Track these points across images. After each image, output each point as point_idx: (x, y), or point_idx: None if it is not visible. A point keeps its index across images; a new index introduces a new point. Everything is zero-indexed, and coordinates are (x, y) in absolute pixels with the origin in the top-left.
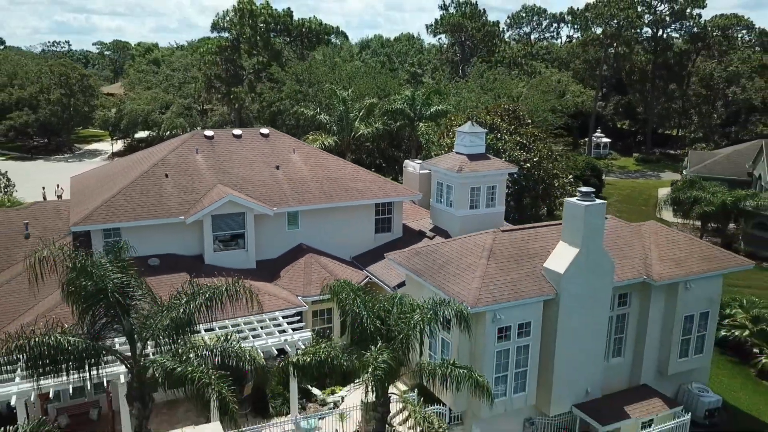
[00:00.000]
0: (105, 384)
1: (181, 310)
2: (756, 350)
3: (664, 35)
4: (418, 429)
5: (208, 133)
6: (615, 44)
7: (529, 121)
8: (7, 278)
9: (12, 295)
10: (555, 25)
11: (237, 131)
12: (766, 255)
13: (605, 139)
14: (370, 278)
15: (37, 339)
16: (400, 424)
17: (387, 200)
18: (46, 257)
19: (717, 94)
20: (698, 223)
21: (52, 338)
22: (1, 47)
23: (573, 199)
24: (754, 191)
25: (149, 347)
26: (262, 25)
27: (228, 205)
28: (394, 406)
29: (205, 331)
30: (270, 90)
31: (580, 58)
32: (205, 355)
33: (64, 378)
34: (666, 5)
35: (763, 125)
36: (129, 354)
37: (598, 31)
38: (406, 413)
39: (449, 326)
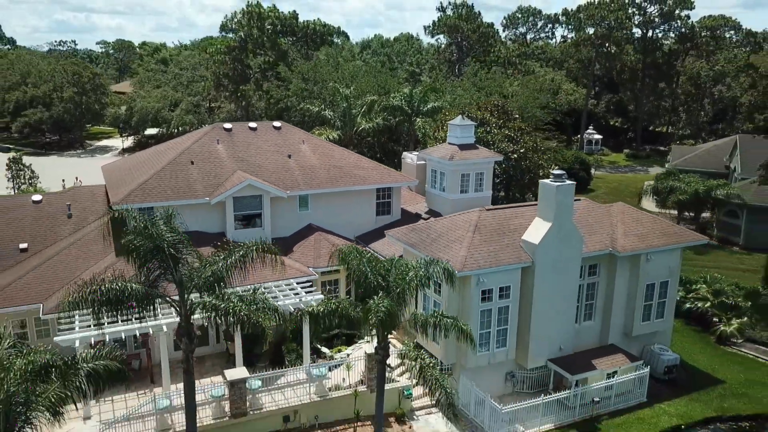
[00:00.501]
0: (150, 333)
1: (220, 264)
2: (716, 319)
3: (654, 36)
4: (414, 372)
5: (227, 125)
6: (606, 44)
7: (517, 116)
8: (57, 250)
9: (62, 263)
10: (550, 25)
11: (252, 124)
12: (736, 240)
13: (597, 136)
14: (372, 254)
15: (107, 285)
16: (399, 376)
17: (387, 186)
18: (116, 217)
19: (704, 92)
20: (675, 212)
21: (119, 284)
22: (6, 47)
23: (546, 181)
24: (725, 181)
25: (192, 297)
26: (269, 27)
27: (247, 188)
28: (393, 360)
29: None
30: (277, 88)
31: (573, 58)
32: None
33: (122, 325)
34: (655, 7)
35: (749, 122)
36: (177, 299)
37: (591, 31)
38: (403, 367)
39: (440, 289)
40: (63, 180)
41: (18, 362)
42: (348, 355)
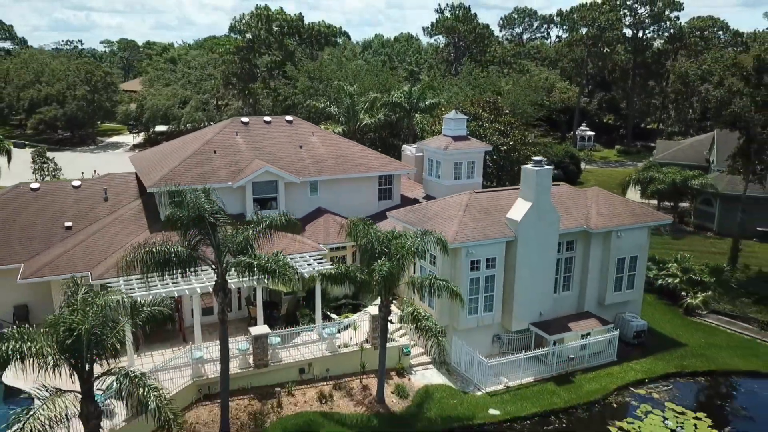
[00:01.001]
0: (185, 293)
1: (250, 231)
2: (684, 294)
3: (644, 36)
4: (409, 322)
5: (244, 119)
6: (598, 44)
7: (507, 111)
8: (97, 228)
9: (104, 238)
10: (545, 26)
11: (267, 118)
12: (710, 226)
13: (589, 132)
14: (376, 227)
15: (157, 247)
16: (399, 337)
17: (388, 173)
18: (162, 193)
19: (692, 90)
20: (656, 202)
21: (166, 247)
22: (14, 47)
23: (527, 166)
24: (700, 172)
25: (225, 260)
26: (276, 28)
27: (264, 174)
28: (393, 326)
29: None
30: (284, 86)
31: (567, 57)
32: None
33: (164, 288)
34: (646, 8)
35: (716, 118)
36: (214, 260)
37: (584, 31)
38: (402, 330)
39: (434, 260)
40: (82, 172)
41: (98, 301)
42: (354, 321)
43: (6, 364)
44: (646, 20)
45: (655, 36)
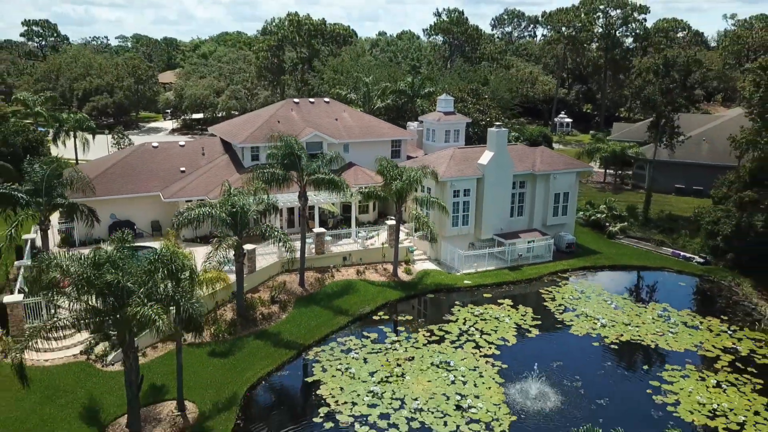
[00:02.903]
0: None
1: (321, 161)
2: (607, 224)
3: (614, 36)
4: (417, 222)
5: (295, 100)
6: (575, 43)
7: (486, 96)
8: (202, 171)
9: (209, 177)
10: (531, 26)
11: (311, 100)
12: (643, 185)
13: (567, 119)
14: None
15: (268, 169)
16: (407, 243)
17: (398, 138)
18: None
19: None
20: (604, 169)
21: (273, 170)
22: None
23: (492, 128)
24: (636, 143)
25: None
26: (305, 31)
27: (314, 137)
28: (402, 236)
29: None
30: (312, 77)
31: (549, 54)
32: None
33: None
34: (617, 11)
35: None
36: (297, 178)
37: (564, 31)
38: (408, 239)
39: (430, 191)
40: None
41: (238, 200)
42: (377, 231)
43: (197, 221)
44: (617, 22)
45: (624, 36)
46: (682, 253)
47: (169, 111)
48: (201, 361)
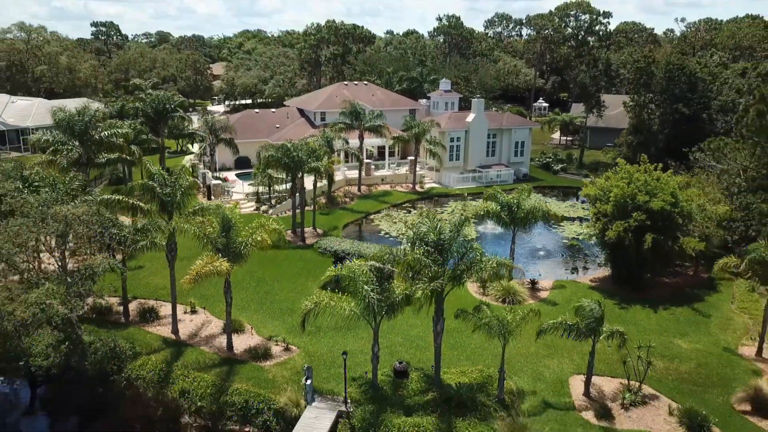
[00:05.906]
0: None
1: (369, 117)
2: (554, 166)
3: (582, 36)
4: (430, 152)
5: (346, 83)
6: (549, 42)
7: (473, 82)
8: (290, 128)
9: (295, 131)
10: (518, 27)
11: (356, 83)
12: (586, 145)
13: (545, 104)
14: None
15: (341, 119)
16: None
17: (413, 108)
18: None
19: (617, 75)
20: (560, 135)
21: (344, 120)
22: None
23: (474, 99)
24: (582, 114)
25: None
26: (341, 34)
27: (360, 106)
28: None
29: None
30: (347, 68)
31: (530, 51)
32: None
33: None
34: (587, 16)
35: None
36: (357, 127)
37: (541, 32)
38: (421, 171)
39: (436, 140)
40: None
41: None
42: (401, 166)
43: (269, 166)
44: (585, 25)
45: (590, 36)
46: None
47: (216, 97)
48: (317, 216)
